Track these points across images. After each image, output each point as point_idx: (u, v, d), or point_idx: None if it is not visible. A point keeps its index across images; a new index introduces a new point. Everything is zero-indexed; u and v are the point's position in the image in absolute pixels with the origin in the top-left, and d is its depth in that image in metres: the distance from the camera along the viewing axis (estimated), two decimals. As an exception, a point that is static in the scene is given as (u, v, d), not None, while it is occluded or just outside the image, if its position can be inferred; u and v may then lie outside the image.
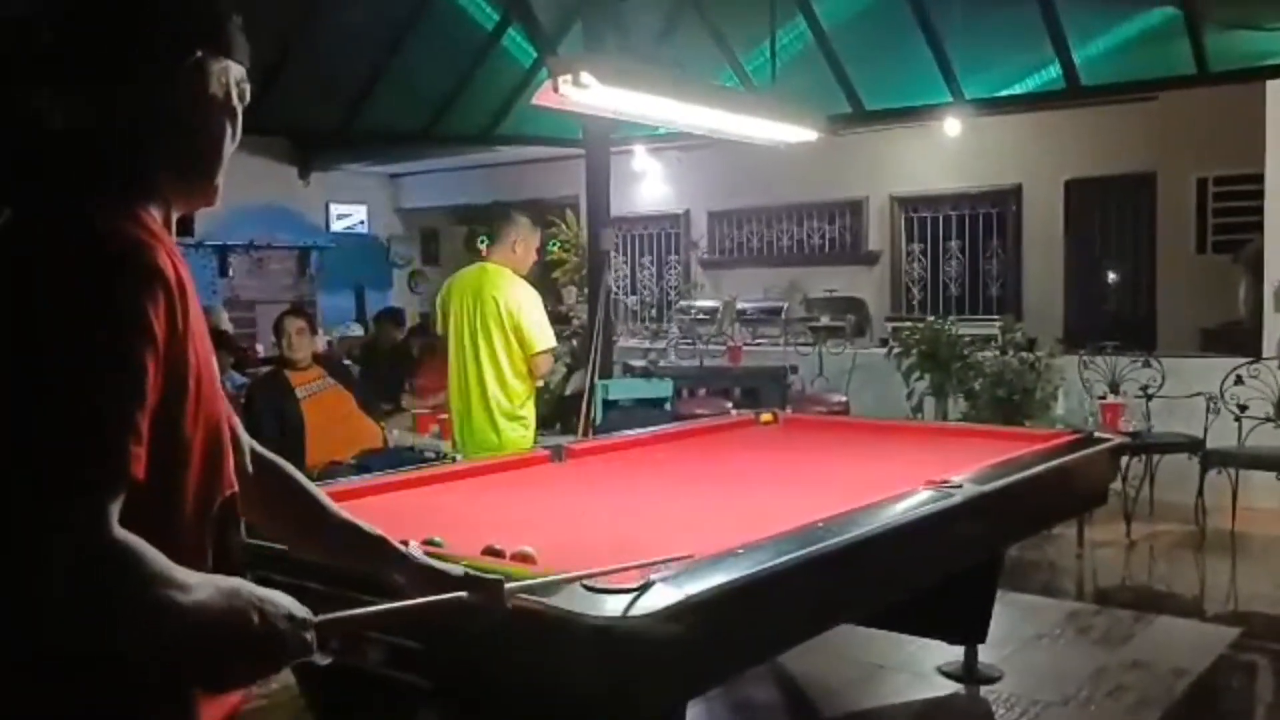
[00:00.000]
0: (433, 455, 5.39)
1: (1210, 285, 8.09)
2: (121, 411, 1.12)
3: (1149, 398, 6.45)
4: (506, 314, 4.52)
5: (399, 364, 7.37)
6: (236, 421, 1.48)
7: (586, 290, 6.78)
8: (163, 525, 1.21)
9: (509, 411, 4.55)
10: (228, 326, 9.43)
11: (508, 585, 1.55)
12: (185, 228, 1.41)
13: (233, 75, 1.32)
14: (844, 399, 7.24)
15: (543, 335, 4.57)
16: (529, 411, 4.66)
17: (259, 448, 1.55)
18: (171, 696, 1.23)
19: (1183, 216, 8.73)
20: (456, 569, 1.60)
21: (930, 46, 6.19)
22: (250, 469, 1.51)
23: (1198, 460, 6.10)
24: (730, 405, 6.71)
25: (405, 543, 1.63)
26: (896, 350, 7.14)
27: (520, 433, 4.57)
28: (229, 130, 1.33)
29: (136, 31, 1.25)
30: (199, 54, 1.28)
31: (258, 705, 3.69)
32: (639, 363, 7.71)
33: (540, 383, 4.85)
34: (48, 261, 1.13)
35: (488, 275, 4.65)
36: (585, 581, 1.79)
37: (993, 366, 6.88)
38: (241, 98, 1.34)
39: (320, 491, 1.63)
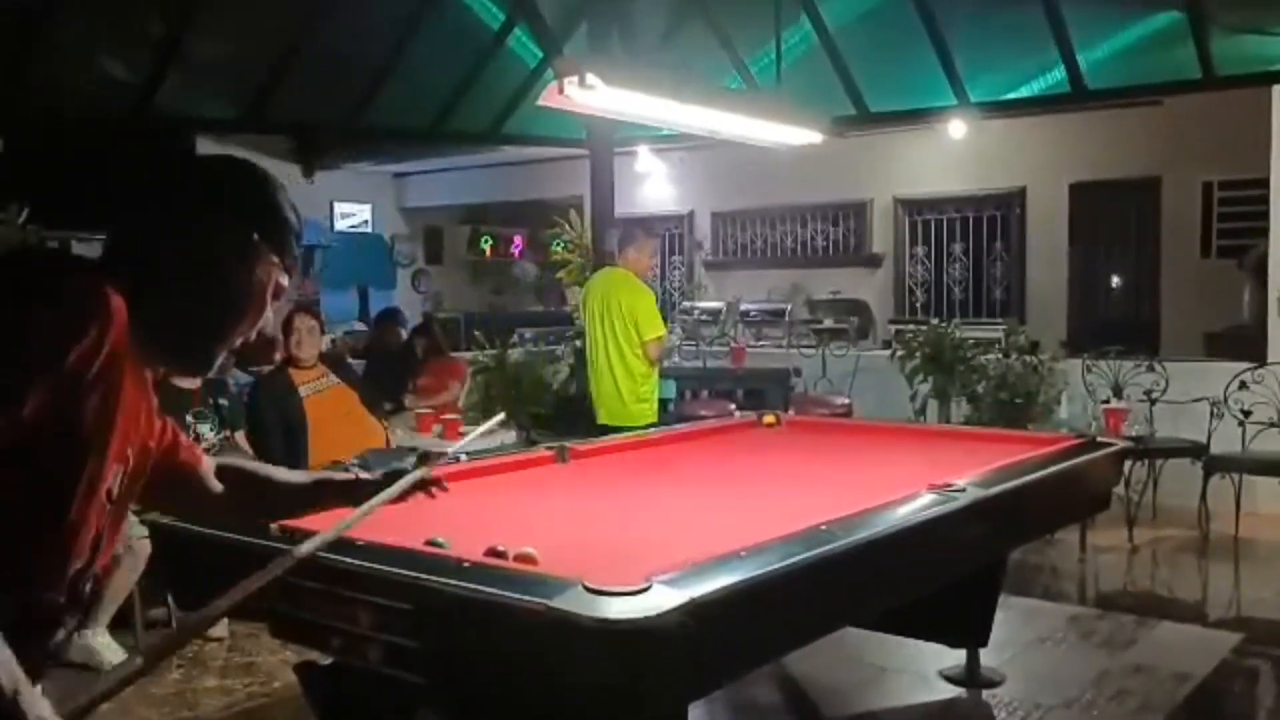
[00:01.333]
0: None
1: (1214, 290, 8.09)
2: None
3: (1152, 402, 6.44)
4: (628, 311, 5.42)
5: (402, 364, 7.36)
6: (189, 444, 1.65)
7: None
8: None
9: (635, 393, 5.45)
10: None
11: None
12: None
13: (275, 276, 1.48)
14: (847, 401, 7.23)
15: (651, 325, 5.43)
16: (651, 391, 5.52)
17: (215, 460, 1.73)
18: None
19: (1187, 221, 8.74)
20: (403, 465, 1.94)
21: (935, 49, 6.17)
22: (213, 486, 1.68)
23: (1201, 465, 6.09)
24: (733, 407, 6.71)
25: (338, 463, 1.89)
26: (900, 353, 7.14)
27: (645, 410, 5.45)
28: (249, 317, 1.47)
29: (219, 201, 1.44)
30: (255, 237, 1.45)
31: (259, 703, 3.69)
32: (642, 363, 7.71)
33: (657, 365, 5.64)
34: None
35: (614, 279, 5.60)
36: (587, 583, 1.79)
37: (996, 370, 6.88)
38: (276, 296, 1.49)
39: (268, 468, 1.87)
